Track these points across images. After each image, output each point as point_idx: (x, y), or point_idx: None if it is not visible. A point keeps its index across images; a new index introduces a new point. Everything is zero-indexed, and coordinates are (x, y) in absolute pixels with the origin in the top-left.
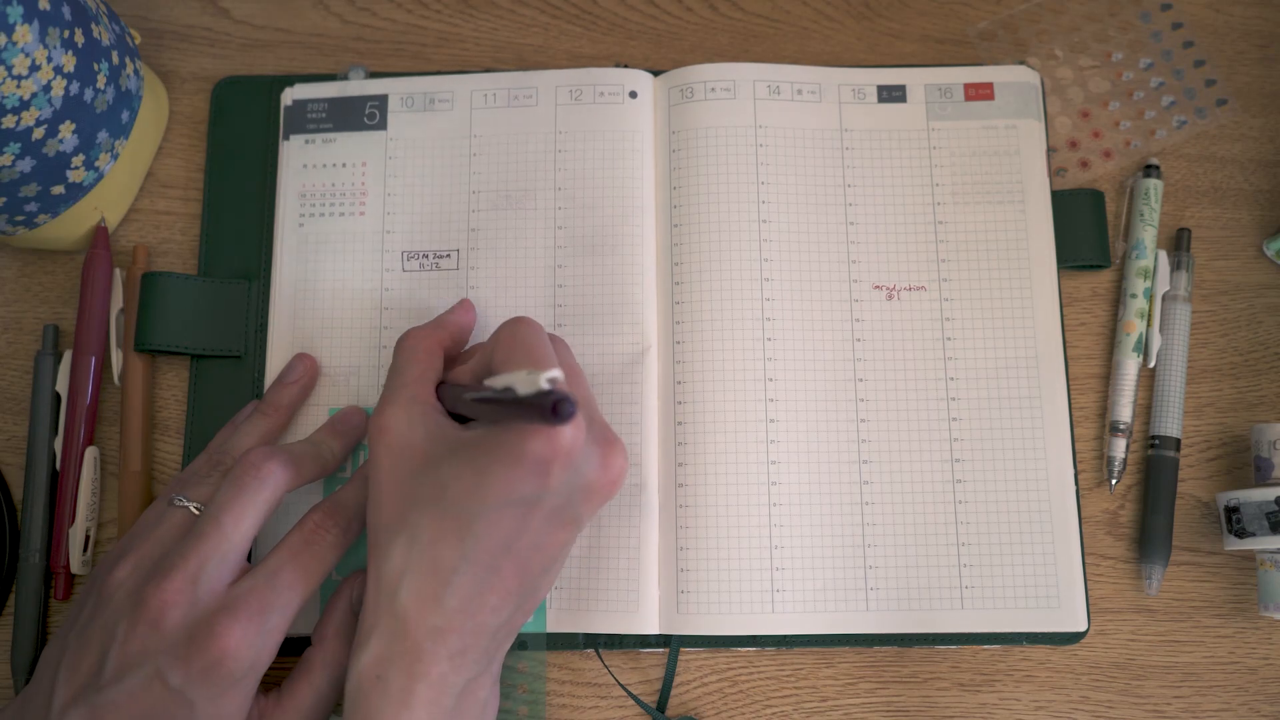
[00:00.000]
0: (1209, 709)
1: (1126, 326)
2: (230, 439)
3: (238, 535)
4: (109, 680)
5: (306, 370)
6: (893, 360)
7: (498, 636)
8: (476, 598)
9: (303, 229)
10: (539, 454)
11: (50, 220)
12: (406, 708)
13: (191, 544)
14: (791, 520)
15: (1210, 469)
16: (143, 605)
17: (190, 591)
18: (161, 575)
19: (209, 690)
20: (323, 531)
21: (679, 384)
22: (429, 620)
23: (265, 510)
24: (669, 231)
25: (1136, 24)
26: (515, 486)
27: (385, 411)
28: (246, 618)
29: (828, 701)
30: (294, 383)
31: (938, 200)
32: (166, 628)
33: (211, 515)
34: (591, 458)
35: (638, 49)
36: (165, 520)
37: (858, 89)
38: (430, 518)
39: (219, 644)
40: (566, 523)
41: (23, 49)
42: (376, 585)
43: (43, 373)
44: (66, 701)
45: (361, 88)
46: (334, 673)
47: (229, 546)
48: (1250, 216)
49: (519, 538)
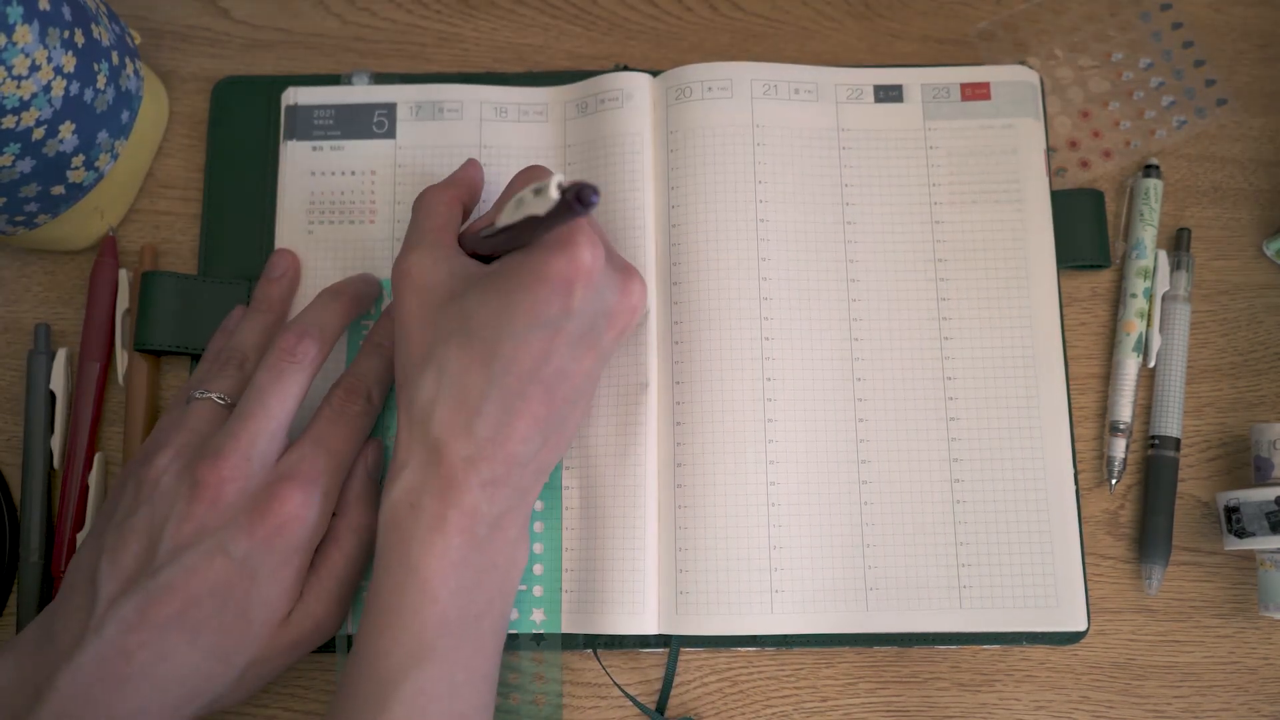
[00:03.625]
0: (1209, 709)
1: (1126, 326)
2: (234, 337)
3: (283, 413)
4: (164, 560)
5: (290, 264)
6: (891, 360)
7: (529, 470)
8: (506, 425)
9: (312, 235)
10: (562, 273)
11: (50, 220)
12: (440, 533)
13: (240, 423)
14: (790, 520)
15: (1210, 469)
16: (200, 484)
17: (246, 467)
18: (215, 454)
19: (272, 558)
20: (349, 404)
21: (677, 384)
22: (461, 449)
23: (304, 387)
24: (667, 231)
25: (1136, 24)
26: (540, 308)
27: (408, 257)
28: (304, 482)
29: (828, 701)
30: (281, 277)
31: (935, 200)
32: (225, 503)
33: (257, 396)
34: (612, 282)
35: (637, 49)
36: (192, 413)
37: (855, 89)
38: (457, 347)
39: (283, 509)
40: (590, 347)
41: (23, 49)
42: (409, 419)
43: (36, 372)
44: (114, 594)
45: (368, 94)
46: (361, 536)
47: (276, 425)
48: (1250, 216)
49: (546, 362)
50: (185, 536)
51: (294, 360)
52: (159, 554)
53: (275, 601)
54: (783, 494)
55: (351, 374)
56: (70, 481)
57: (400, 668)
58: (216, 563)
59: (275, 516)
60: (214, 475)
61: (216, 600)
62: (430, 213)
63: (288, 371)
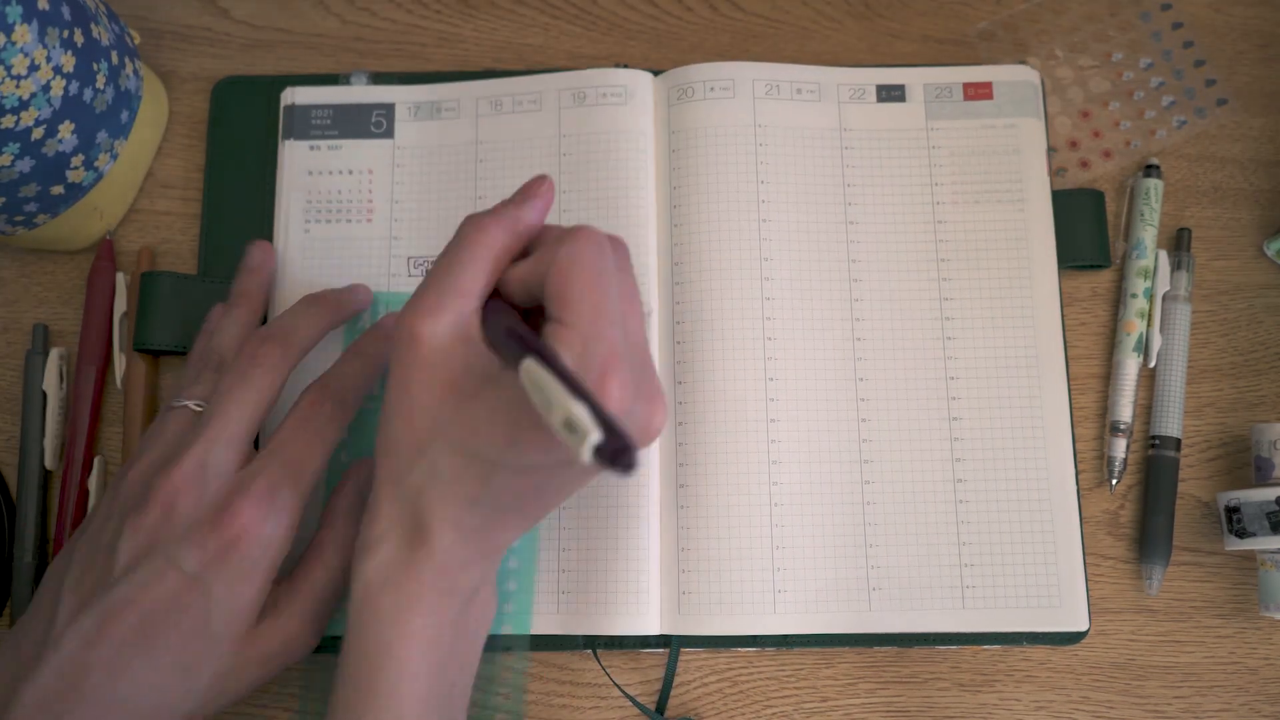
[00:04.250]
0: (1209, 709)
1: (1127, 326)
2: (214, 337)
3: (242, 420)
4: (119, 575)
5: (265, 256)
6: (893, 360)
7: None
8: (492, 526)
9: (308, 234)
10: None
11: (50, 220)
12: (418, 614)
13: (197, 432)
14: (792, 520)
15: (1210, 469)
16: (152, 495)
17: (199, 476)
18: (171, 466)
19: (226, 573)
20: (317, 409)
21: (679, 384)
22: (446, 536)
23: (268, 393)
24: (669, 231)
25: (1136, 24)
26: (552, 451)
27: (424, 319)
28: (257, 495)
29: (828, 702)
30: (257, 269)
31: (937, 200)
32: (178, 515)
33: (216, 403)
34: (635, 414)
35: (637, 49)
36: (167, 423)
37: (857, 88)
38: (455, 457)
39: (235, 523)
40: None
41: (22, 49)
42: (393, 494)
43: (32, 372)
44: (75, 608)
45: (366, 94)
46: (346, 552)
47: (234, 432)
48: (1250, 216)
49: (545, 486)
50: (139, 549)
51: (255, 364)
52: (115, 568)
53: (236, 616)
54: (785, 493)
55: (326, 377)
56: (69, 484)
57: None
58: (169, 577)
59: (226, 531)
60: (167, 486)
61: (172, 615)
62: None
63: (249, 375)
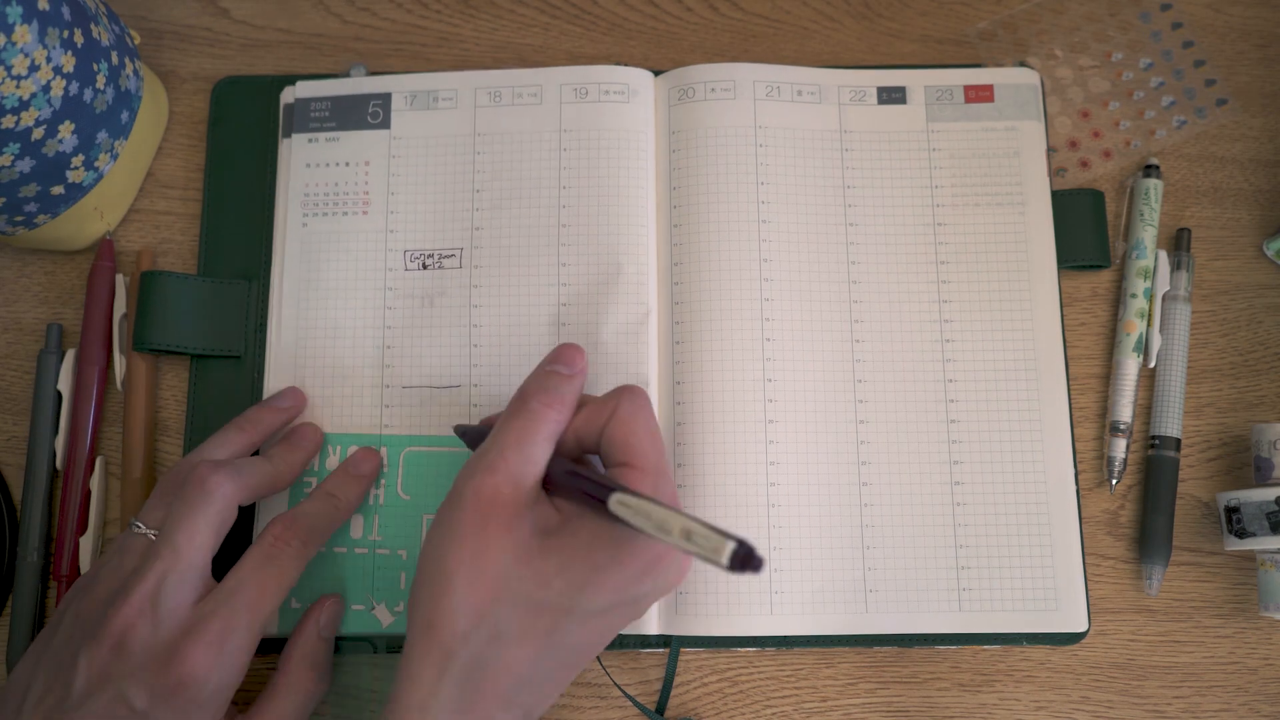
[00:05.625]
0: (1209, 709)
1: (1127, 326)
2: (199, 450)
3: (191, 552)
4: (75, 703)
5: (295, 405)
6: (892, 361)
7: None
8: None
9: (306, 228)
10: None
11: (50, 220)
12: None
13: (149, 565)
14: (790, 520)
15: (1210, 469)
16: (105, 629)
17: (151, 613)
18: (121, 599)
19: (173, 713)
20: (282, 544)
21: (678, 384)
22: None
23: (217, 524)
24: (668, 231)
25: (1136, 24)
26: (626, 588)
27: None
28: (208, 640)
29: (828, 702)
30: (281, 410)
31: (937, 202)
32: (129, 650)
33: (166, 535)
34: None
35: (637, 49)
36: (126, 549)
37: (858, 90)
38: (523, 614)
39: (183, 667)
40: (635, 616)
41: (22, 49)
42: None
43: (45, 371)
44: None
45: (364, 85)
46: (300, 698)
47: (185, 564)
48: (1250, 216)
49: (602, 638)
50: (92, 682)
51: (203, 491)
52: (72, 695)
53: None
54: (783, 494)
55: (292, 515)
56: (71, 484)
57: None
58: (119, 712)
59: (176, 673)
60: (118, 621)
61: None
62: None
63: (198, 507)
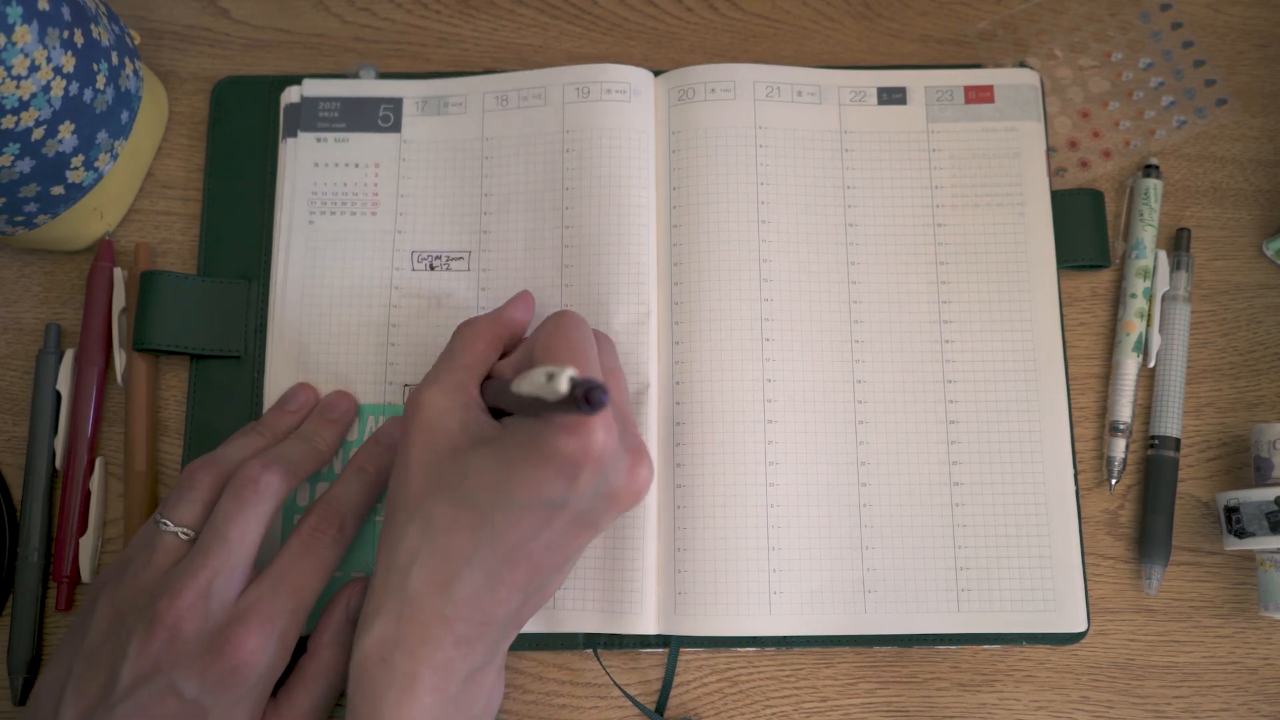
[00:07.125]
0: (1209, 709)
1: (1126, 326)
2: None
3: (243, 547)
4: (120, 696)
5: (306, 402)
6: (891, 361)
7: (505, 627)
8: (486, 590)
9: (313, 225)
10: (570, 455)
11: (50, 221)
12: (411, 692)
13: (200, 559)
14: (789, 521)
15: (1210, 469)
16: (157, 620)
17: (203, 605)
18: (174, 590)
19: (224, 699)
20: (320, 534)
21: (677, 384)
22: (437, 607)
23: (267, 520)
24: (668, 231)
25: (1136, 24)
26: (542, 488)
27: (427, 390)
28: (258, 626)
29: (828, 702)
30: (294, 412)
31: (937, 202)
32: (181, 641)
33: (217, 531)
34: (620, 464)
35: (637, 49)
36: (157, 546)
37: (858, 91)
38: (447, 505)
39: (236, 654)
40: (585, 527)
41: (22, 49)
42: (388, 565)
43: (44, 371)
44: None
45: (374, 89)
46: (330, 681)
47: (236, 559)
48: (1250, 216)
49: (535, 538)
50: (141, 672)
51: (256, 490)
52: (117, 688)
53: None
54: (782, 495)
55: (327, 500)
56: (71, 484)
57: None
58: (169, 702)
59: (228, 660)
60: (171, 613)
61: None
62: (466, 348)
63: (249, 503)
